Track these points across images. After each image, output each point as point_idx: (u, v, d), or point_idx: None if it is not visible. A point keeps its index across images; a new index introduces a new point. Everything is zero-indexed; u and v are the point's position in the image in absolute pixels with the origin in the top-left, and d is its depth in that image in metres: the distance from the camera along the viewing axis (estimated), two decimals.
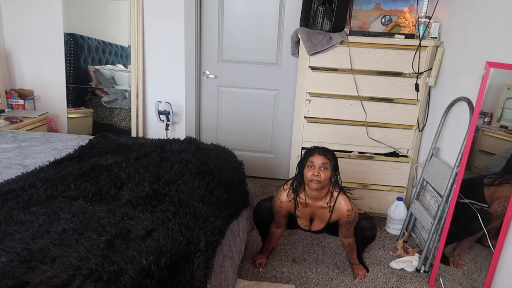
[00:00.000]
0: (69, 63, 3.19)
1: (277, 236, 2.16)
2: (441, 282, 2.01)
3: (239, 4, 3.00)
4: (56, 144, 2.24)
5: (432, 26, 2.39)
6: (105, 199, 1.54)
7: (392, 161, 2.59)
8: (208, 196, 1.58)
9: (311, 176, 1.85)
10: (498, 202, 1.72)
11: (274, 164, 3.36)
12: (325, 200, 1.95)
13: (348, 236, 2.04)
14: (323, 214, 1.99)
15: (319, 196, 1.94)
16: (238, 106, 3.24)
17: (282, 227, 2.12)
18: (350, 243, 2.07)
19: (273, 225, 2.12)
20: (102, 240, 1.21)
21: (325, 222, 2.02)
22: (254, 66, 3.13)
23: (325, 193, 1.94)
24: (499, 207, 1.71)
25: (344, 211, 1.93)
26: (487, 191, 1.82)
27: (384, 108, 2.51)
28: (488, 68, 1.76)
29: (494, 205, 1.75)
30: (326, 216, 1.99)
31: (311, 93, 2.53)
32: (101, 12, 3.09)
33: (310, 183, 1.86)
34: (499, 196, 1.72)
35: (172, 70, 3.15)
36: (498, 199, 1.73)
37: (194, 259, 1.20)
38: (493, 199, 1.76)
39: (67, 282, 1.03)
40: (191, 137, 2.25)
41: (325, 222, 2.02)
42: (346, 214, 1.93)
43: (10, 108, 3.20)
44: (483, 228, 1.77)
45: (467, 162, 1.90)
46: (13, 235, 1.24)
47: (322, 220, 2.02)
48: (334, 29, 2.37)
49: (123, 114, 3.25)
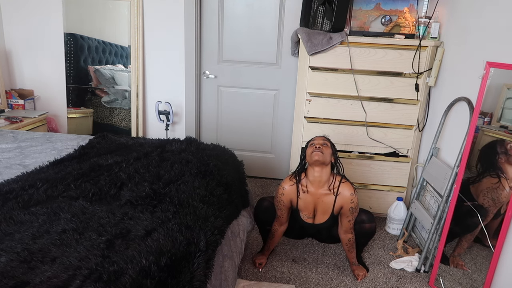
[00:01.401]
0: (69, 63, 3.19)
1: (280, 234, 2.15)
2: (441, 282, 2.01)
3: (239, 4, 3.00)
4: (56, 144, 2.24)
5: (432, 26, 2.39)
6: (105, 199, 1.54)
7: (392, 161, 2.59)
8: (208, 196, 1.58)
9: (313, 149, 1.93)
10: (482, 195, 1.83)
11: (274, 164, 3.36)
12: (328, 185, 1.98)
13: (348, 231, 2.04)
14: (326, 203, 2.00)
15: (321, 181, 1.96)
16: (238, 106, 3.25)
17: (284, 223, 2.12)
18: (350, 239, 2.07)
19: (276, 222, 2.12)
20: (102, 240, 1.21)
21: (328, 214, 2.02)
22: (254, 66, 3.13)
23: (326, 178, 1.97)
24: (485, 200, 1.81)
25: (347, 195, 1.97)
26: (472, 187, 1.90)
27: (384, 108, 2.51)
28: (488, 68, 1.76)
29: (480, 199, 1.85)
30: (330, 205, 1.99)
31: (311, 93, 2.53)
32: (101, 12, 3.09)
33: (312, 156, 1.92)
34: (482, 189, 1.83)
35: (172, 70, 3.15)
36: (482, 192, 1.84)
37: (194, 259, 1.20)
38: (478, 194, 1.86)
39: (67, 282, 1.03)
40: (191, 137, 2.25)
41: (328, 214, 2.02)
42: (349, 199, 1.96)
43: (10, 108, 3.20)
44: (480, 223, 1.79)
45: (467, 162, 1.90)
46: (13, 235, 1.24)
47: (325, 211, 2.02)
48: (334, 29, 2.37)
49: (123, 114, 3.25)
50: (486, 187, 1.81)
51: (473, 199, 1.88)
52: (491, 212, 1.77)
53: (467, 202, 1.89)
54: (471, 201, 1.88)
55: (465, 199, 1.90)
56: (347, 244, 2.09)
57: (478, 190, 1.86)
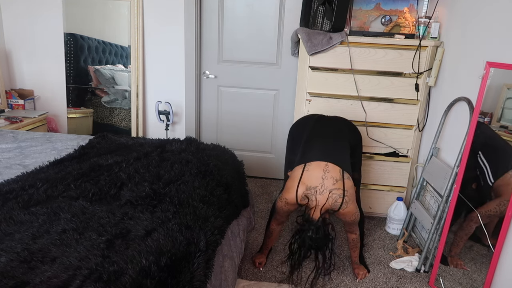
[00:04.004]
0: (69, 63, 3.19)
1: (277, 233, 2.15)
2: (441, 282, 2.01)
3: (239, 4, 3.00)
4: (56, 144, 2.24)
5: (432, 26, 2.39)
6: (105, 199, 1.54)
7: (392, 161, 2.59)
8: (208, 196, 1.58)
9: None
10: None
11: (274, 164, 3.36)
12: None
13: (353, 232, 2.04)
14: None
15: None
16: (238, 106, 3.24)
17: (282, 223, 2.12)
18: (354, 239, 2.07)
19: (274, 222, 2.11)
20: (102, 240, 1.21)
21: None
22: (254, 66, 3.13)
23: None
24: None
25: (350, 212, 1.89)
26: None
27: (384, 108, 2.51)
28: (488, 68, 1.76)
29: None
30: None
31: (311, 93, 2.53)
32: (101, 12, 3.09)
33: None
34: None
35: (172, 70, 3.15)
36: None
37: (194, 259, 1.20)
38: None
39: (67, 282, 1.03)
40: (191, 137, 2.25)
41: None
42: (352, 214, 1.90)
43: (10, 108, 3.20)
44: (480, 223, 1.79)
45: (467, 162, 1.90)
46: (13, 235, 1.24)
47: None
48: (334, 29, 2.37)
49: (123, 114, 3.25)
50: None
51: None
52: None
53: (467, 202, 1.89)
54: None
55: (465, 199, 1.90)
56: (351, 242, 2.09)
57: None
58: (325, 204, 1.82)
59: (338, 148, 1.98)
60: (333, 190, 1.80)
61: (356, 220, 1.94)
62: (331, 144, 2.00)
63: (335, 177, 1.82)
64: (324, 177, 1.82)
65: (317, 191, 1.81)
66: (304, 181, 1.83)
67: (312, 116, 2.24)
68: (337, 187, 1.81)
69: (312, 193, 1.82)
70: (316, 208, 1.84)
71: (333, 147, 1.97)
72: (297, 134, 2.20)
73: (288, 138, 2.27)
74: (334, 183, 1.81)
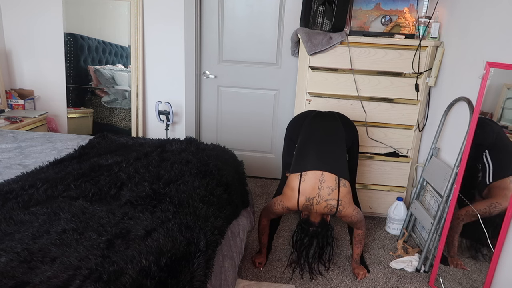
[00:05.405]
0: (69, 63, 3.19)
1: (267, 227, 2.15)
2: (441, 282, 2.01)
3: (239, 4, 3.00)
4: (56, 144, 2.24)
5: (432, 26, 2.39)
6: (105, 199, 1.54)
7: (392, 161, 2.59)
8: (208, 196, 1.58)
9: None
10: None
11: (274, 164, 3.36)
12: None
13: (358, 228, 2.04)
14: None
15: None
16: (238, 106, 3.25)
17: (272, 219, 2.14)
18: (358, 234, 2.07)
19: (264, 219, 2.11)
20: (102, 240, 1.21)
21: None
22: (254, 66, 3.13)
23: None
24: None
25: (348, 214, 1.93)
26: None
27: (384, 108, 2.51)
28: (488, 68, 1.76)
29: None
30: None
31: (311, 93, 2.53)
32: (101, 12, 3.09)
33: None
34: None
35: (172, 70, 3.15)
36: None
37: (194, 259, 1.20)
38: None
39: (67, 282, 1.03)
40: (191, 137, 2.25)
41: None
42: (351, 214, 1.93)
43: (10, 108, 3.20)
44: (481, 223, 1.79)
45: (467, 162, 1.90)
46: (13, 235, 1.24)
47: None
48: (334, 29, 2.37)
49: (123, 114, 3.25)
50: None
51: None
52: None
53: (467, 202, 1.89)
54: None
55: (465, 199, 1.90)
56: (355, 237, 2.09)
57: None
58: (323, 211, 1.91)
59: (334, 152, 1.97)
60: (329, 200, 1.87)
61: (355, 220, 1.95)
62: (327, 147, 1.98)
63: (330, 187, 1.87)
64: (320, 187, 1.87)
65: (314, 201, 1.88)
66: (303, 193, 1.88)
67: (309, 113, 2.19)
68: (332, 197, 1.87)
69: (311, 203, 1.89)
70: (316, 214, 1.94)
71: (329, 151, 1.96)
72: (293, 134, 2.19)
73: (285, 138, 2.25)
74: (330, 193, 1.86)
